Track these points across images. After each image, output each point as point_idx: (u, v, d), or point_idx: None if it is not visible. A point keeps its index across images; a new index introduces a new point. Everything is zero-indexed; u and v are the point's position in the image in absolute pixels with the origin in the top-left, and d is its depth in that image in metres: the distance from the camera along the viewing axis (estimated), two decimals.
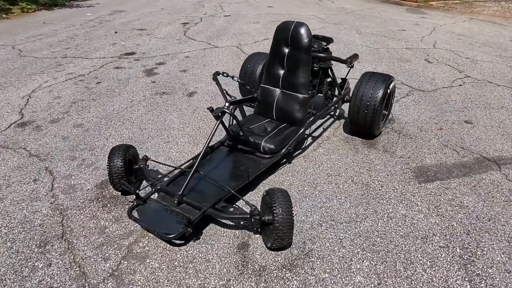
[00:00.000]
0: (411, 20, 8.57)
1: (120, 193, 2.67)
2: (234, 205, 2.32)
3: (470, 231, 2.30)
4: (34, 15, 9.81)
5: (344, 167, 2.96)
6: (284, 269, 2.05)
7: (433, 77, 4.86)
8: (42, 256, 2.18)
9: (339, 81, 3.72)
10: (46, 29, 7.93)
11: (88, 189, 2.76)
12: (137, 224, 2.33)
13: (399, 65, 5.34)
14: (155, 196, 2.46)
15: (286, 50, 3.03)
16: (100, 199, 2.64)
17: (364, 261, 2.10)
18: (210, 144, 2.88)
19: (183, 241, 2.26)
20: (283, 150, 2.79)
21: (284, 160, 3.06)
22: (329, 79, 3.55)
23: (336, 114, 3.79)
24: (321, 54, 3.26)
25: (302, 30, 2.92)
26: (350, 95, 3.32)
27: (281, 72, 3.08)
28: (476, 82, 4.75)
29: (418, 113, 3.85)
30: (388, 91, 3.11)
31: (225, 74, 2.57)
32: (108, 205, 2.58)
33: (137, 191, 2.33)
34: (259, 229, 2.21)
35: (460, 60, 5.60)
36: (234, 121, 3.12)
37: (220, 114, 2.47)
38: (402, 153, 3.14)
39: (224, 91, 2.64)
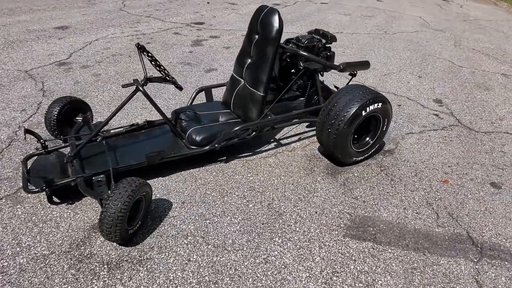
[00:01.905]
0: None
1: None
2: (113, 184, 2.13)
3: None
4: None
5: (276, 186, 2.41)
6: (105, 266, 1.80)
7: (503, 117, 3.54)
8: None
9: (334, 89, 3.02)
10: None
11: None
12: None
13: (469, 92, 4.05)
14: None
15: (255, 37, 2.55)
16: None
17: None
18: (150, 119, 2.70)
19: (59, 201, 2.20)
20: (207, 147, 2.42)
21: (224, 157, 2.67)
22: (321, 84, 2.90)
23: None
24: (303, 52, 2.64)
25: (272, 17, 2.39)
26: None
27: (247, 61, 2.62)
28: None
29: (435, 155, 2.85)
30: (364, 113, 2.34)
31: (145, 53, 2.26)
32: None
33: (43, 140, 2.32)
34: None
35: None
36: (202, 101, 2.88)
37: (139, 87, 2.25)
38: (361, 194, 2.38)
39: (155, 66, 2.36)
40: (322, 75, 3.05)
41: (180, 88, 2.32)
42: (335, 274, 1.82)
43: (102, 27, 5.71)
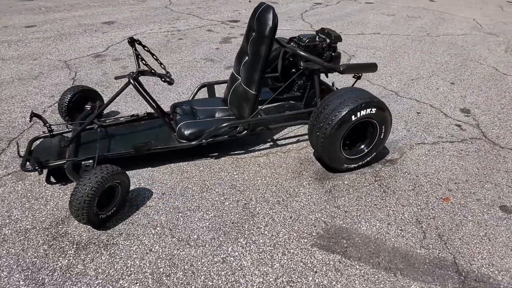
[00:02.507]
0: None
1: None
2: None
3: None
4: None
5: (258, 186, 2.34)
6: (74, 246, 1.89)
7: None
8: None
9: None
10: None
11: None
12: None
13: (508, 103, 3.55)
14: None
15: (252, 35, 2.48)
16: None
17: (138, 284, 1.70)
18: (150, 111, 2.77)
19: (55, 181, 2.36)
20: (194, 142, 2.41)
21: (216, 153, 2.65)
22: (322, 85, 2.74)
23: None
24: (300, 51, 2.50)
25: (266, 14, 2.30)
26: None
27: (244, 59, 2.56)
28: None
29: (443, 169, 2.55)
30: (354, 118, 2.16)
31: (142, 46, 2.29)
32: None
33: (49, 124, 2.49)
34: None
35: None
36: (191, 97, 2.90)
37: (130, 80, 2.31)
38: (345, 204, 2.21)
39: (140, 60, 2.40)
40: (327, 76, 2.88)
41: (170, 83, 2.34)
42: (290, 284, 1.71)
43: (144, 23, 6.00)
